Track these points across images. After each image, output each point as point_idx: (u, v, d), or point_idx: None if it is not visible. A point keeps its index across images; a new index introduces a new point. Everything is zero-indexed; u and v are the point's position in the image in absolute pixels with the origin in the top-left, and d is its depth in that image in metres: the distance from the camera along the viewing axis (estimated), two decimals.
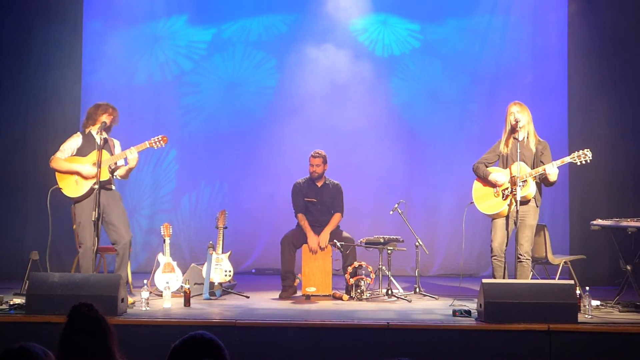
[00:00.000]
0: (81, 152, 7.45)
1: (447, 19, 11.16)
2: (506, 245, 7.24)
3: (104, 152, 7.22)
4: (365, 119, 10.98)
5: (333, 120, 10.90)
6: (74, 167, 7.38)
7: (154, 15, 11.17)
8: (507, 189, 7.22)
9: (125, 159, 7.46)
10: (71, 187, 7.39)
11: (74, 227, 8.37)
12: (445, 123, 11.08)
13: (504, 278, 7.15)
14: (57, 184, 7.43)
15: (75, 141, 7.52)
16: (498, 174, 7.33)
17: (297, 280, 8.36)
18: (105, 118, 7.43)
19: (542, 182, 7.28)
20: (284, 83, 11.17)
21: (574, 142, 9.90)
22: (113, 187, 7.56)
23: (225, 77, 11.24)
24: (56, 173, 7.43)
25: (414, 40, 11.19)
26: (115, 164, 7.44)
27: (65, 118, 10.11)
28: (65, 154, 7.46)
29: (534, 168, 7.18)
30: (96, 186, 7.04)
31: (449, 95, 11.10)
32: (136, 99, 10.94)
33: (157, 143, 7.46)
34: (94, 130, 7.44)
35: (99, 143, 7.14)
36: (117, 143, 7.72)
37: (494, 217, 7.37)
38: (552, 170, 7.06)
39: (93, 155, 7.28)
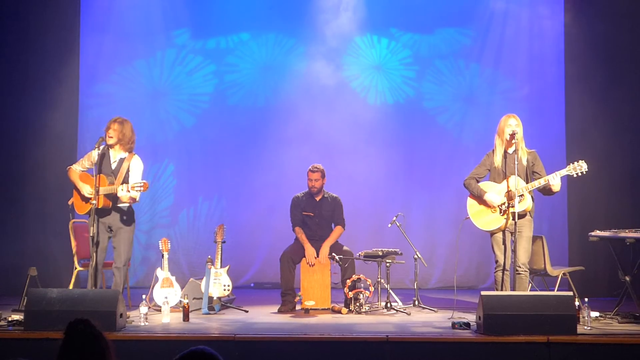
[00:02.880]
0: (100, 167, 7.38)
1: (442, 31, 11.19)
2: (509, 258, 7.23)
3: (105, 179, 7.23)
4: (362, 133, 11.00)
5: (330, 135, 10.90)
6: (78, 185, 7.49)
7: (149, 31, 11.20)
8: (503, 204, 7.21)
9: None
10: (79, 204, 7.56)
11: (72, 242, 8.40)
12: (442, 136, 11.10)
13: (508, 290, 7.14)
14: (73, 197, 7.52)
15: (93, 153, 7.41)
16: (493, 194, 7.28)
17: (298, 298, 8.35)
18: (107, 136, 7.38)
19: (543, 192, 7.27)
20: (281, 98, 11.17)
21: (571, 153, 9.92)
22: (123, 206, 7.50)
23: (223, 87, 11.28)
24: (74, 189, 7.54)
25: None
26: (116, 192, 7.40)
27: (63, 132, 10.13)
28: (84, 164, 7.57)
29: (527, 180, 7.18)
30: (94, 201, 7.04)
31: (445, 106, 11.14)
32: (133, 108, 10.96)
33: (139, 189, 7.28)
34: (109, 150, 7.43)
35: (98, 163, 7.18)
36: (136, 162, 7.57)
37: (493, 233, 7.36)
38: (555, 182, 7.06)
39: (100, 178, 7.25)
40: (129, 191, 7.26)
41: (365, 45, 11.26)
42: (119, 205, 7.42)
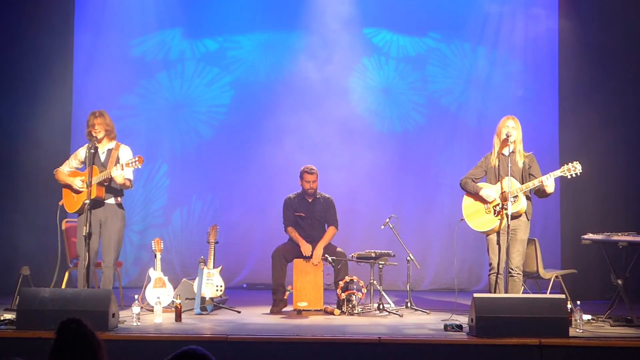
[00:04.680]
0: (91, 162, 7.41)
1: (436, 34, 11.21)
2: (504, 261, 7.23)
3: (97, 170, 7.22)
4: (355, 135, 11.01)
5: (323, 136, 10.90)
6: (68, 180, 7.43)
7: (145, 31, 11.19)
8: (498, 205, 7.24)
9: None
10: (71, 203, 7.49)
11: (65, 241, 8.38)
12: (437, 137, 11.12)
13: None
14: (62, 197, 7.49)
15: (78, 153, 7.52)
16: (489, 190, 7.33)
17: (287, 293, 8.35)
18: (94, 132, 7.37)
19: (537, 193, 7.30)
20: (274, 99, 11.16)
21: (564, 156, 9.92)
22: (111, 201, 7.51)
23: (221, 93, 11.29)
24: (62, 189, 7.49)
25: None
26: (109, 179, 7.40)
27: (56, 131, 10.11)
28: (71, 164, 7.55)
29: (523, 182, 7.21)
30: (87, 200, 7.04)
31: (441, 108, 11.15)
32: (128, 111, 10.96)
33: (134, 164, 7.26)
34: (95, 143, 7.34)
35: (90, 158, 7.14)
36: (125, 150, 7.60)
37: (487, 234, 7.39)
38: (549, 182, 7.07)
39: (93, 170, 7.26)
40: (122, 169, 7.23)
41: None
42: (106, 201, 7.39)
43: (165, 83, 11.24)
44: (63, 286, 8.19)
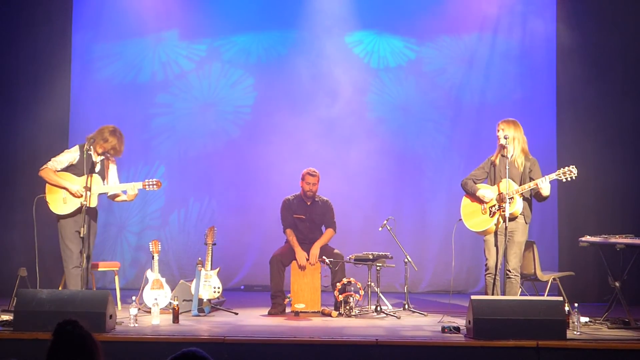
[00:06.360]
0: (76, 168, 7.43)
1: (435, 37, 11.19)
2: (500, 263, 7.24)
3: (98, 179, 7.24)
4: (352, 135, 11.00)
5: (320, 138, 10.89)
6: (63, 183, 7.37)
7: (143, 31, 11.17)
8: (494, 206, 7.24)
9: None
10: (58, 203, 7.39)
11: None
12: (434, 139, 11.12)
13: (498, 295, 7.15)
14: (45, 194, 7.42)
15: (71, 156, 7.50)
16: (486, 190, 7.34)
17: (287, 300, 8.33)
18: (99, 147, 7.40)
19: (535, 197, 7.30)
20: (270, 101, 11.15)
21: (562, 158, 9.94)
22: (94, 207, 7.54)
23: (216, 98, 11.28)
24: (46, 184, 7.43)
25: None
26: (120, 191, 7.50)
27: (54, 129, 10.11)
28: (59, 166, 7.48)
29: (522, 185, 7.20)
30: (85, 202, 7.03)
31: (440, 110, 11.15)
32: (125, 113, 10.94)
33: (151, 187, 7.53)
34: (93, 152, 7.40)
35: (93, 167, 7.17)
36: (113, 167, 7.70)
37: (483, 235, 7.38)
38: (544, 185, 7.07)
39: (93, 178, 7.26)
40: (141, 188, 7.46)
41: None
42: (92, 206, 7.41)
43: (163, 84, 11.22)
44: (60, 287, 8.17)
